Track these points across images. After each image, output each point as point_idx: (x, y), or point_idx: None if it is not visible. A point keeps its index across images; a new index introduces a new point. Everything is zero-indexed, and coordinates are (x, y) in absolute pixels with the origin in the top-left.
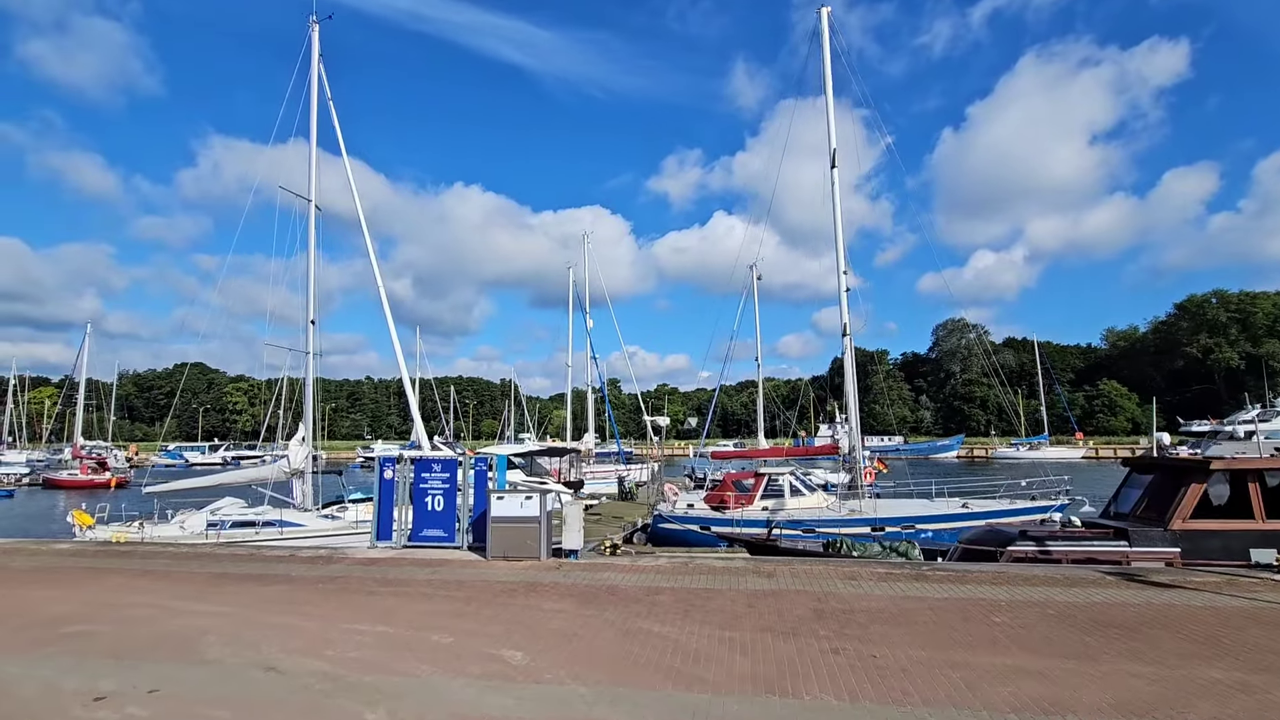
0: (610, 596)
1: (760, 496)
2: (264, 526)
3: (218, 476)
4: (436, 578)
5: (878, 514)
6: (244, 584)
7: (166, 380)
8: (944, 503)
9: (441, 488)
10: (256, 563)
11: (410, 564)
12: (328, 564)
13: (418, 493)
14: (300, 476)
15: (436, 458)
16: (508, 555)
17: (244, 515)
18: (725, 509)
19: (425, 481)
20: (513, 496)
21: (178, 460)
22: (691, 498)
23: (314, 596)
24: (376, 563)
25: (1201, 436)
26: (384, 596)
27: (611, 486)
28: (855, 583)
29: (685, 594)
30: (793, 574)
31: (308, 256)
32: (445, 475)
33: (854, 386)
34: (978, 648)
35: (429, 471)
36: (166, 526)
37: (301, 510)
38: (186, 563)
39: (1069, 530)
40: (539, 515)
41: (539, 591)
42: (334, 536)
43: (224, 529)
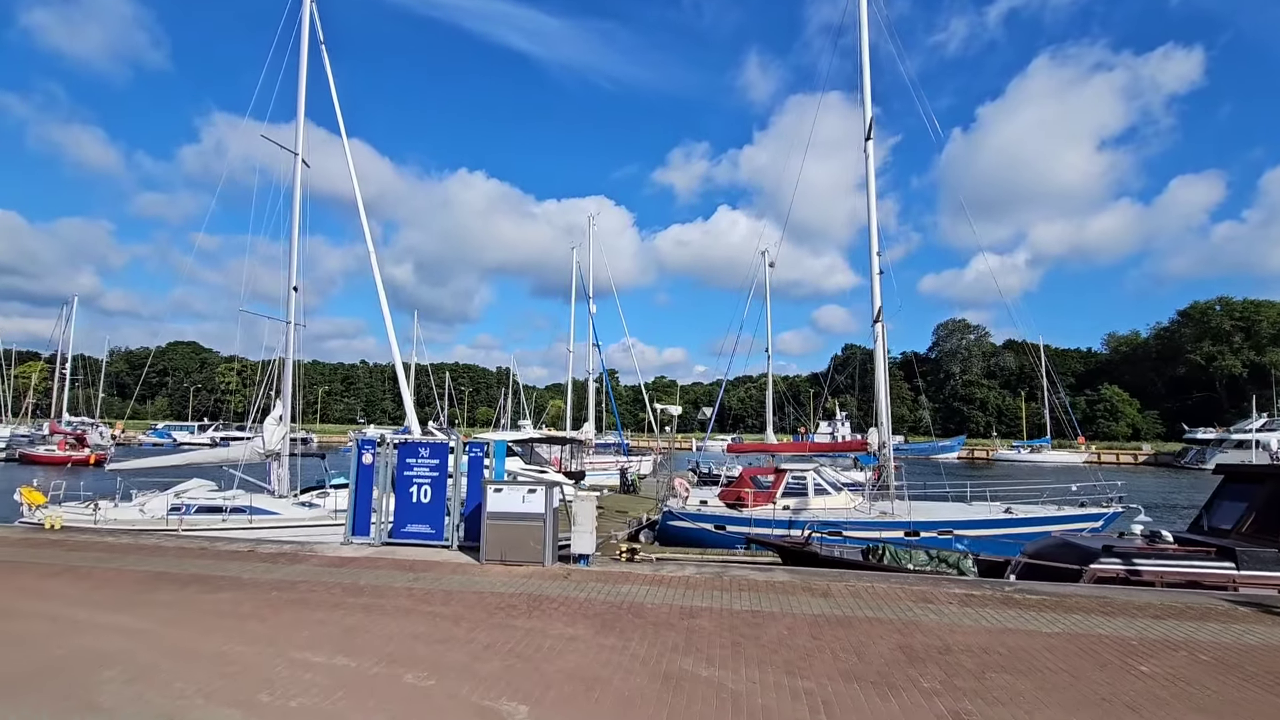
0: (635, 619)
1: (781, 495)
2: (232, 513)
3: (186, 456)
4: (419, 586)
5: (912, 517)
6: (183, 588)
7: (159, 358)
8: (983, 507)
9: (429, 476)
10: (207, 559)
11: (389, 566)
12: (291, 563)
13: (401, 481)
14: (277, 459)
15: (424, 441)
16: (505, 559)
17: (211, 499)
18: (742, 507)
19: (410, 469)
20: (513, 489)
21: (165, 439)
22: (704, 494)
23: (265, 608)
24: (349, 563)
25: (1207, 444)
26: (351, 611)
27: (613, 478)
28: (933, 607)
29: (728, 617)
30: (851, 593)
31: (291, 216)
32: (434, 462)
33: (884, 378)
34: (1144, 710)
35: (415, 457)
36: (126, 508)
37: (276, 496)
38: (122, 557)
39: (1158, 547)
40: (544, 512)
41: (545, 609)
42: (309, 527)
43: (188, 514)
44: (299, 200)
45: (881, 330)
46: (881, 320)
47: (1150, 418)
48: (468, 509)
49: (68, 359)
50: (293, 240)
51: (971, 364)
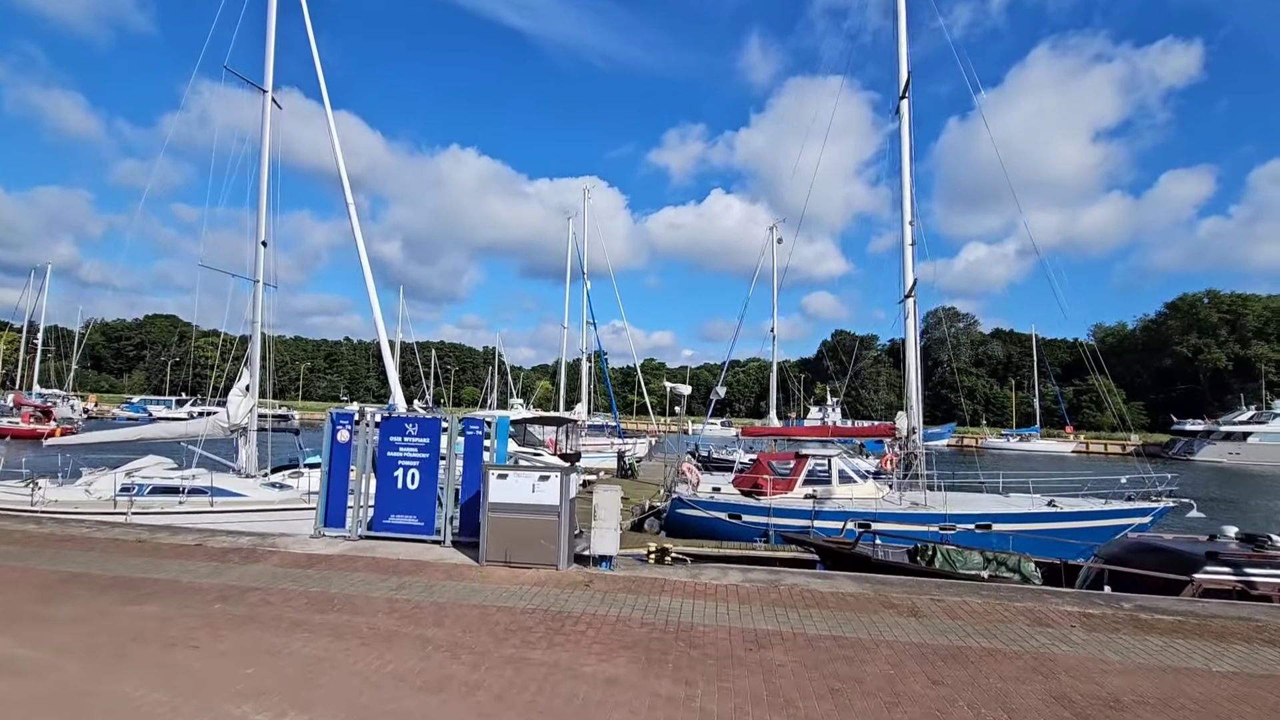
0: (689, 650)
1: (801, 482)
2: (190, 494)
3: (138, 430)
4: (404, 597)
5: (947, 510)
6: (99, 596)
7: (136, 331)
8: (1023, 499)
9: (417, 459)
10: (142, 556)
11: (367, 568)
12: (245, 561)
13: (384, 464)
14: (243, 435)
15: (412, 416)
16: (511, 560)
17: (167, 479)
18: (760, 495)
19: (395, 449)
20: (521, 476)
21: (140, 414)
22: (717, 480)
23: (201, 629)
24: (318, 563)
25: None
26: (316, 634)
27: (609, 461)
28: (1054, 631)
29: (808, 648)
30: (945, 611)
31: (259, 161)
32: (423, 442)
33: (916, 359)
34: None
35: (400, 435)
36: (70, 488)
37: (243, 476)
38: (37, 551)
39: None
40: (559, 504)
41: (569, 634)
42: (278, 510)
43: (140, 494)
44: (267, 144)
45: (913, 307)
46: (914, 296)
47: (1135, 409)
48: (464, 498)
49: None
50: (261, 189)
51: (960, 352)
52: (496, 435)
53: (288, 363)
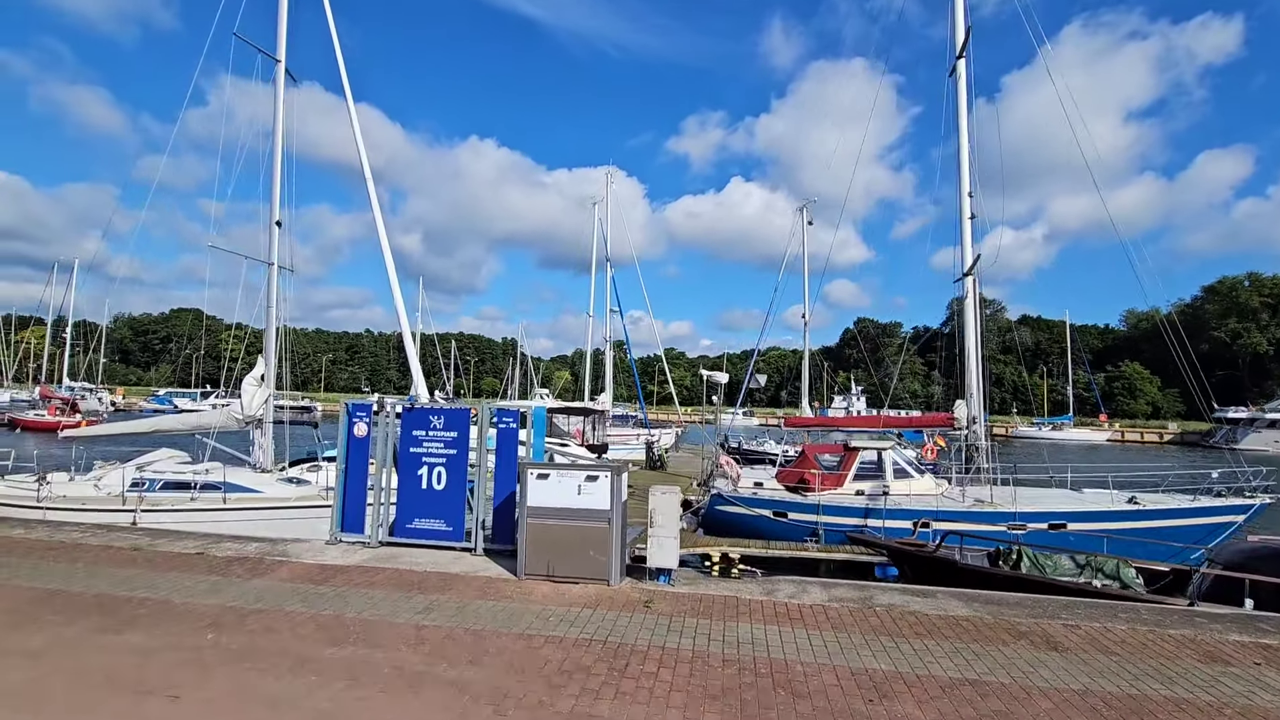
0: (794, 701)
1: (852, 477)
2: (203, 490)
3: (152, 421)
4: (432, 623)
5: (1016, 507)
6: (73, 622)
7: (162, 325)
8: (1100, 495)
9: (444, 455)
10: (135, 567)
11: (389, 583)
12: (250, 575)
13: (406, 460)
14: (259, 427)
15: (437, 408)
16: (554, 573)
17: (179, 473)
18: (807, 491)
19: (418, 443)
20: (565, 476)
21: (167, 405)
22: (757, 474)
23: (185, 669)
24: (334, 577)
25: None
26: (327, 675)
27: (636, 452)
28: (1238, 672)
29: (945, 697)
30: (1091, 643)
31: (272, 136)
32: (450, 435)
33: (977, 340)
34: None
35: (425, 429)
36: (80, 483)
37: (258, 470)
38: (18, 562)
39: None
40: (610, 509)
41: (637, 676)
42: (294, 508)
43: (150, 490)
44: (280, 116)
45: (974, 286)
46: (975, 274)
47: (1171, 395)
48: (497, 499)
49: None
50: (275, 164)
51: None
52: (533, 428)
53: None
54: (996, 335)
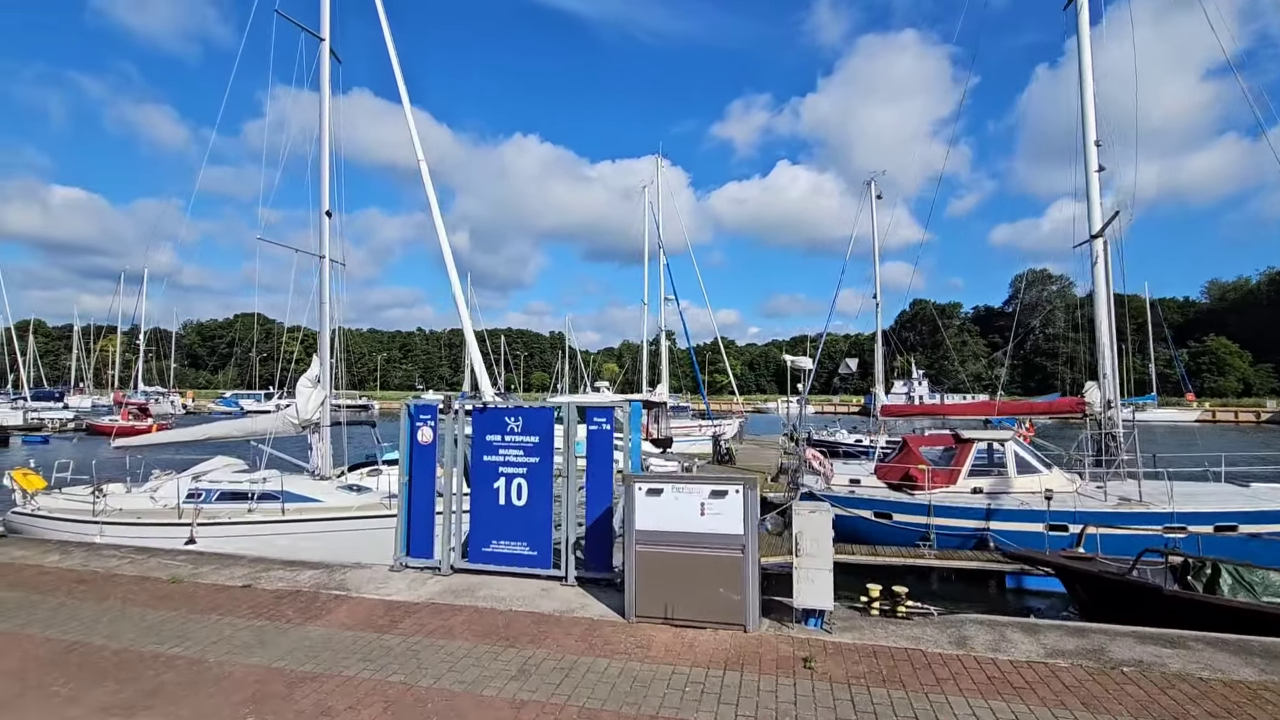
0: None
1: (967, 473)
2: (261, 500)
3: (206, 428)
4: (532, 698)
5: (1174, 506)
6: (80, 695)
7: (227, 330)
8: (1274, 491)
9: (525, 463)
10: (170, 606)
11: (469, 628)
12: (302, 618)
13: (481, 471)
14: (316, 431)
15: (513, 408)
16: (674, 616)
17: (236, 483)
18: (914, 489)
19: (494, 450)
20: (682, 491)
21: (233, 407)
22: (852, 469)
23: None
24: (401, 619)
25: None
26: None
27: (701, 445)
28: None
29: None
30: None
31: (319, 119)
32: (531, 441)
33: (1109, 313)
34: None
35: (500, 432)
36: (136, 495)
37: (317, 477)
38: (40, 601)
39: None
40: (744, 533)
41: None
42: (356, 519)
43: (207, 501)
44: (327, 100)
45: (1105, 250)
46: (1105, 237)
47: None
48: (591, 517)
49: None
50: (322, 151)
51: (1055, 317)
52: (630, 425)
53: (365, 354)
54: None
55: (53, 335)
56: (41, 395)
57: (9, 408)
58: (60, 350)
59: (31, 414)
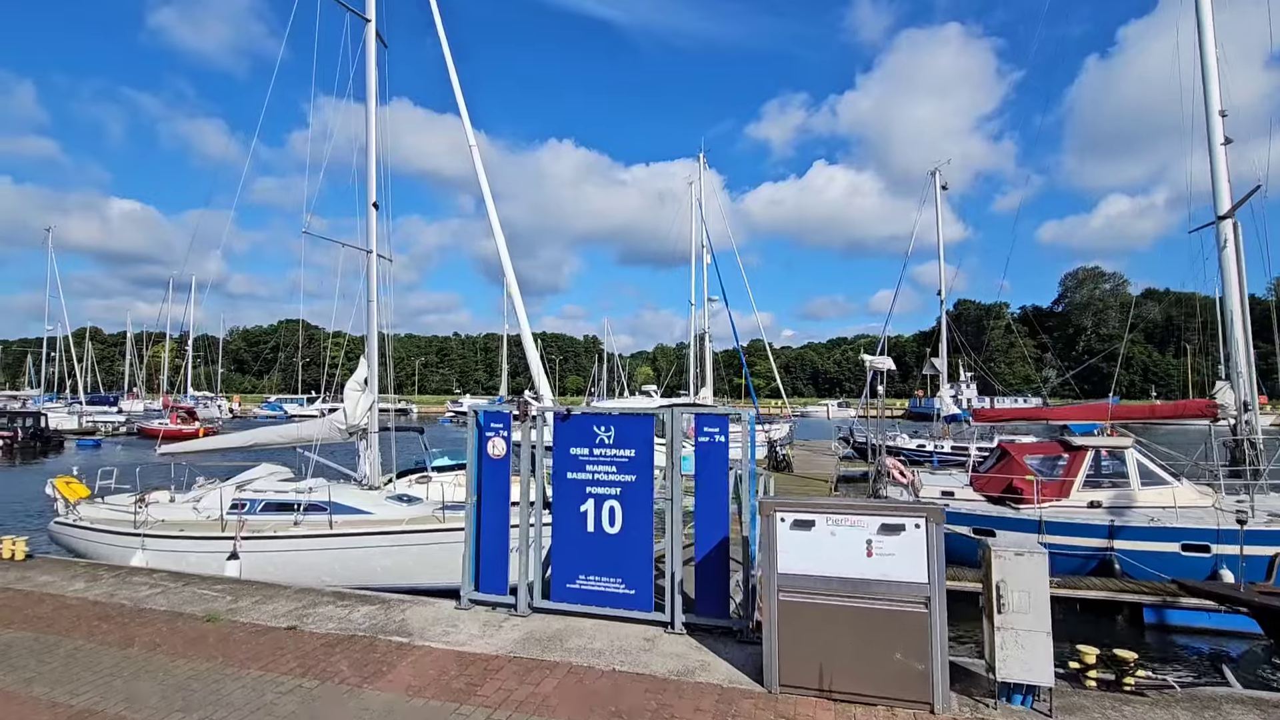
0: None
1: (1081, 484)
2: (308, 511)
3: (251, 435)
4: None
5: None
6: None
7: (271, 335)
8: None
9: (619, 482)
10: (201, 656)
11: (566, 701)
12: (357, 678)
13: (565, 490)
14: (364, 438)
15: (604, 415)
16: (833, 688)
17: (281, 493)
18: (1019, 502)
19: (580, 466)
20: (839, 524)
21: (278, 412)
22: (941, 480)
23: None
24: (478, 684)
25: None
26: None
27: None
28: None
29: None
30: None
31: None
32: (627, 454)
33: (1244, 307)
34: None
35: (588, 444)
36: (180, 505)
37: (365, 487)
38: (51, 650)
39: None
40: (929, 579)
41: None
42: (407, 534)
43: (252, 512)
44: (374, 82)
45: (1234, 233)
46: (1234, 219)
47: None
48: (702, 548)
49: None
50: (369, 135)
51: (1107, 316)
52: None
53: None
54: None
55: (109, 342)
56: (97, 400)
57: (65, 412)
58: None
59: (86, 418)
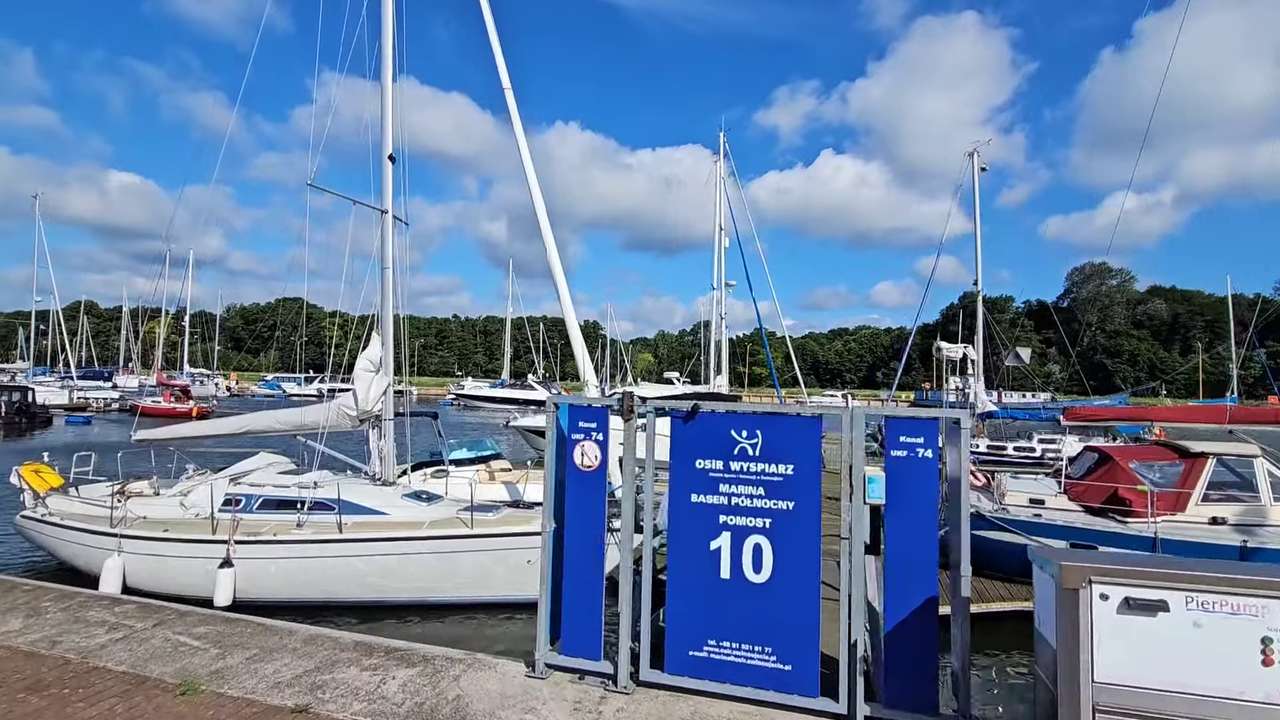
0: None
1: (1200, 497)
2: (313, 510)
3: (245, 420)
4: None
5: None
6: None
7: (269, 314)
8: None
9: (767, 510)
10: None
11: None
12: None
13: (687, 520)
14: (376, 425)
15: (749, 415)
16: None
17: (282, 487)
18: (1127, 515)
19: (712, 485)
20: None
21: (276, 390)
22: (1031, 486)
23: None
24: None
25: None
26: None
27: None
28: None
29: None
30: None
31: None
32: (784, 470)
33: None
34: None
35: (723, 454)
36: (165, 500)
37: (378, 482)
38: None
39: None
40: None
41: None
42: (430, 540)
43: (248, 509)
44: (389, 18)
45: None
46: None
47: None
48: (896, 611)
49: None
50: (384, 81)
51: (1113, 312)
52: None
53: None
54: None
55: (104, 316)
56: (91, 375)
57: (57, 387)
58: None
59: (78, 393)
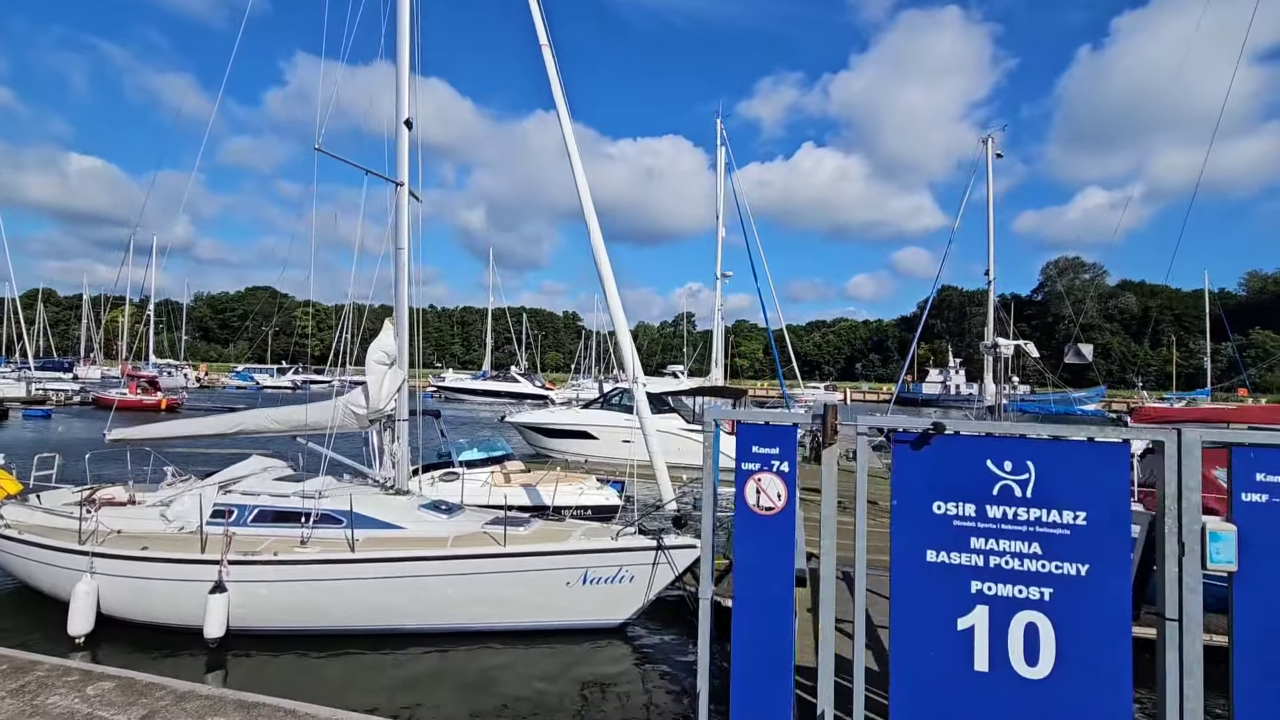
0: None
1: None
2: (320, 524)
3: (236, 419)
4: None
5: None
6: None
7: (238, 303)
8: None
9: (1047, 577)
10: None
11: None
12: None
13: (923, 583)
14: (388, 427)
15: (1012, 436)
16: None
17: (281, 496)
18: None
19: (960, 540)
20: None
21: (248, 382)
22: None
23: None
24: None
25: None
26: None
27: None
28: None
29: None
30: None
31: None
32: (1069, 520)
33: None
34: None
35: (976, 497)
36: (143, 511)
37: (390, 490)
38: None
39: None
40: None
41: None
42: (456, 560)
43: (242, 522)
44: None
45: None
46: None
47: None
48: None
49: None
50: (400, 33)
51: (1085, 306)
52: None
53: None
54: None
55: (64, 304)
56: (49, 365)
57: (13, 379)
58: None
59: (36, 385)
